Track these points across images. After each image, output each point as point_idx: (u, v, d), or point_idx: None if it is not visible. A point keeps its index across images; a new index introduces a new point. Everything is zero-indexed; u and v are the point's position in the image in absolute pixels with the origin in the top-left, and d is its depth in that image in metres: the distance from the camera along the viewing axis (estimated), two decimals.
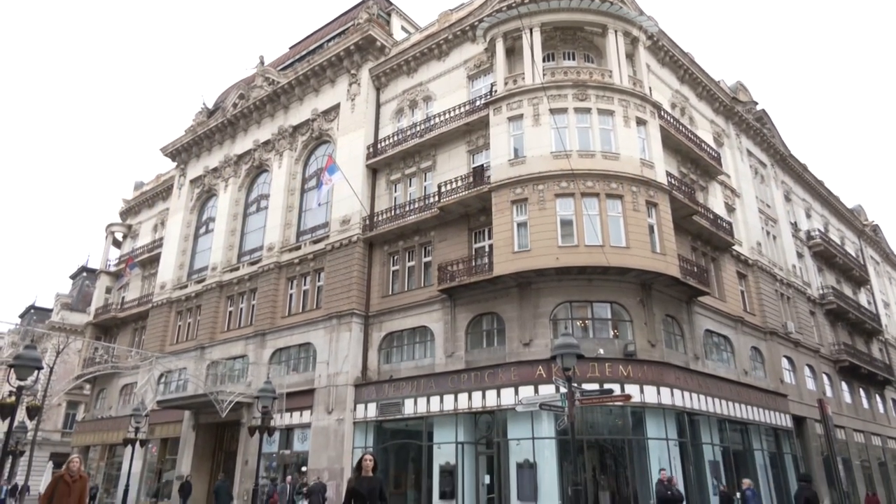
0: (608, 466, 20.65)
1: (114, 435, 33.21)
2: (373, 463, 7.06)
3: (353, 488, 6.72)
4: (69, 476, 8.74)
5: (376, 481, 6.94)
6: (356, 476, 6.90)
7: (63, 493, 8.53)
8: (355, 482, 6.76)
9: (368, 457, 7.09)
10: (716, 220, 26.42)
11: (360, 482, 6.81)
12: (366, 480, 6.82)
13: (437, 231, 24.82)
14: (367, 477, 6.88)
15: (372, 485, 6.81)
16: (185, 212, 37.09)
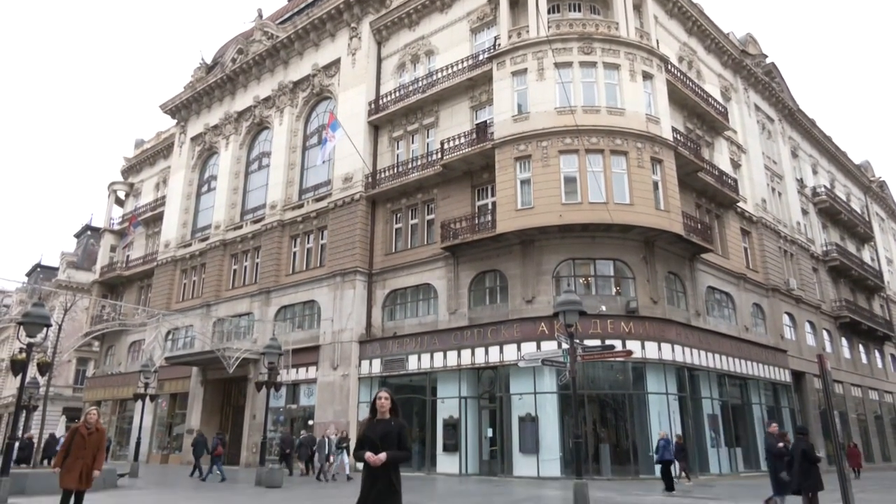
0: (608, 420, 21.07)
1: (124, 390, 33.91)
2: (389, 403, 5.45)
3: (363, 434, 5.38)
4: (85, 428, 8.51)
5: (393, 425, 5.39)
6: (369, 419, 5.49)
7: (79, 446, 8.29)
8: (366, 427, 5.42)
9: (383, 395, 5.49)
10: (721, 176, 26.20)
11: (372, 427, 5.38)
12: (380, 424, 5.38)
13: (440, 188, 24.70)
14: (381, 420, 5.41)
15: (386, 429, 5.32)
16: (186, 170, 36.92)
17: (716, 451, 21.73)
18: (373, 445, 5.21)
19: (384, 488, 5.14)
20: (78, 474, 8.08)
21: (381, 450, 5.16)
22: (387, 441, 5.24)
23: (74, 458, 8.19)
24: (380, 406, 5.43)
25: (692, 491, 15.79)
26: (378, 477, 5.15)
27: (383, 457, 5.13)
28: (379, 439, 5.25)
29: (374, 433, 5.29)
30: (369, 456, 5.13)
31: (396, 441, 5.28)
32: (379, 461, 5.11)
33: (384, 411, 5.43)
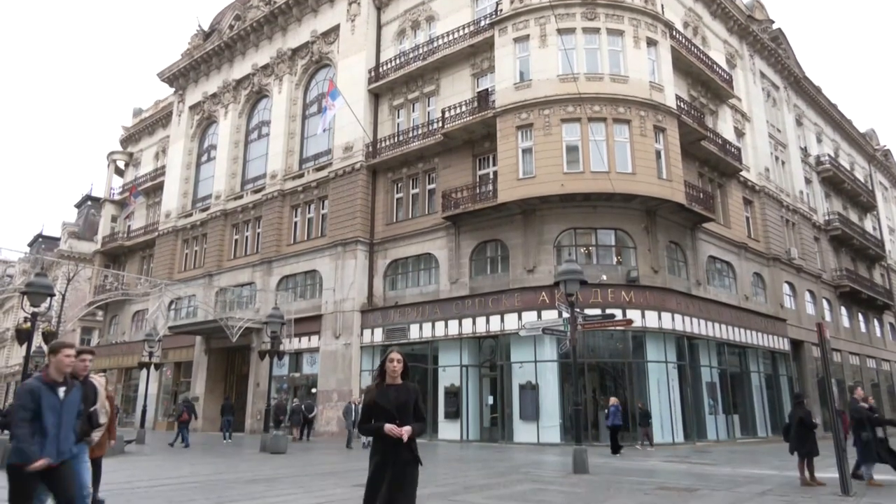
0: (608, 388, 21.30)
1: (129, 359, 34.29)
2: (402, 365, 4.61)
3: (372, 401, 4.50)
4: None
5: (409, 392, 4.57)
6: (378, 385, 4.60)
7: None
8: (376, 393, 4.51)
9: (396, 356, 4.64)
10: (724, 145, 25.98)
11: (385, 393, 4.50)
12: (392, 391, 4.51)
13: (442, 158, 24.54)
14: (394, 385, 4.55)
15: (402, 397, 4.50)
16: (185, 139, 36.66)
17: (714, 419, 22.03)
18: (388, 415, 4.35)
19: (407, 463, 4.36)
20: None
21: (400, 421, 4.35)
22: (404, 411, 4.42)
23: None
24: (391, 369, 4.54)
25: (652, 455, 16.22)
26: (397, 452, 4.33)
27: (409, 430, 4.33)
28: (396, 409, 4.39)
29: (387, 401, 4.42)
30: (391, 429, 4.28)
31: (413, 409, 4.51)
32: (406, 435, 4.28)
33: (396, 375, 4.55)
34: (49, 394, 4.47)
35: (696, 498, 8.39)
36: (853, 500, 8.40)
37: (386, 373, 4.57)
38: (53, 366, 4.57)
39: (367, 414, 4.51)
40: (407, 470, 4.34)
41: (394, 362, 4.59)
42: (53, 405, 4.46)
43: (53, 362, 4.58)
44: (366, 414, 4.54)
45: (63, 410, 4.52)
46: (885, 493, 9.15)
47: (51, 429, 4.40)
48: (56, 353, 4.58)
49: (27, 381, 4.54)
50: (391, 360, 4.60)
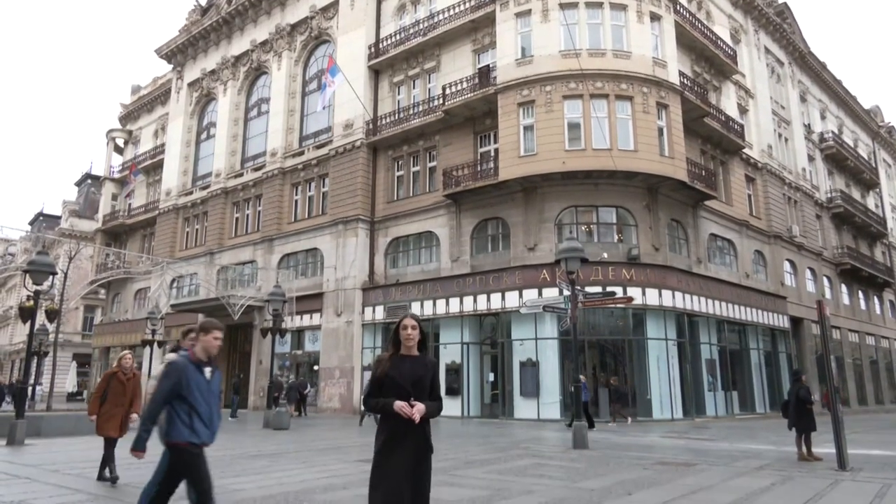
0: (608, 365, 21.46)
1: (131, 336, 34.50)
2: (418, 333, 3.88)
3: (384, 374, 3.80)
4: (122, 374, 7.86)
5: (425, 366, 3.89)
6: (390, 355, 3.90)
7: (117, 392, 7.74)
8: (388, 365, 3.83)
9: (410, 322, 3.90)
10: (727, 122, 25.77)
11: (397, 366, 3.81)
12: (407, 363, 3.82)
13: (442, 135, 24.38)
14: (408, 357, 3.86)
15: (418, 371, 3.82)
16: (184, 116, 36.41)
17: (712, 395, 22.22)
18: (401, 391, 3.68)
19: (419, 447, 3.69)
20: (118, 422, 7.68)
21: (415, 398, 3.67)
22: (419, 387, 3.75)
23: (113, 404, 7.70)
24: (406, 337, 3.82)
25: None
26: (408, 434, 3.65)
27: (423, 409, 3.63)
28: (410, 384, 3.71)
29: (400, 375, 3.74)
30: (402, 407, 3.59)
31: (429, 386, 3.83)
32: (418, 415, 3.59)
33: (412, 345, 3.84)
34: (197, 374, 4.28)
35: (694, 472, 8.49)
36: (849, 474, 8.50)
37: (400, 342, 3.85)
38: (201, 345, 4.36)
39: (377, 388, 3.79)
40: (418, 456, 3.66)
41: (408, 329, 3.83)
42: (201, 385, 4.26)
43: (202, 342, 4.36)
44: (375, 388, 3.80)
45: (210, 392, 4.34)
46: (880, 467, 9.25)
47: (203, 409, 4.23)
48: (206, 333, 4.36)
49: (176, 360, 4.31)
50: (405, 328, 3.84)
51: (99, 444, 7.80)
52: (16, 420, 12.33)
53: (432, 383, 3.86)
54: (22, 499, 6.30)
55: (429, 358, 3.98)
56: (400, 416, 3.59)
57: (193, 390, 4.21)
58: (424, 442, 3.72)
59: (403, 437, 3.65)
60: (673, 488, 7.14)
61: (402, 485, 3.57)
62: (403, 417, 3.58)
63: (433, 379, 3.87)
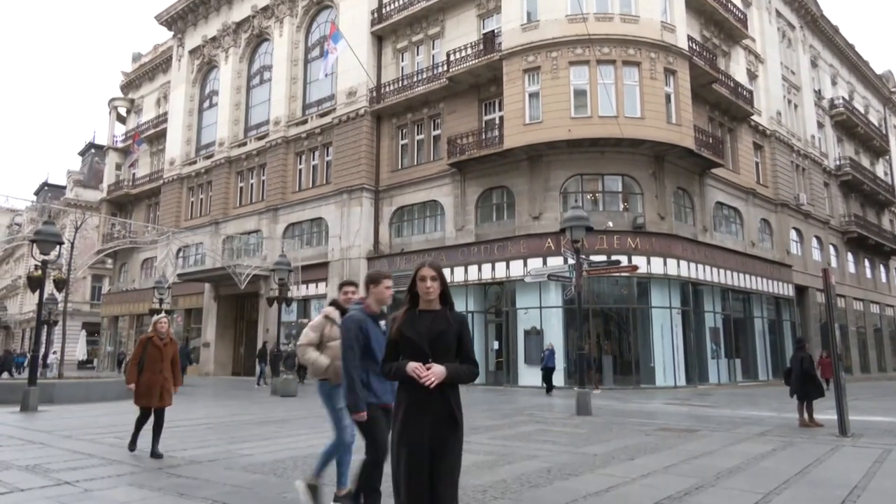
0: (612, 333, 21.59)
1: (139, 306, 34.83)
2: (439, 284, 3.16)
3: (398, 333, 3.11)
4: (158, 339, 7.27)
5: (448, 321, 3.15)
6: (406, 311, 3.18)
7: (154, 358, 7.15)
8: (403, 322, 3.14)
9: (429, 272, 3.17)
10: (736, 88, 25.37)
11: (413, 323, 3.12)
12: (425, 319, 3.13)
13: (447, 102, 24.12)
14: (427, 312, 3.15)
15: (438, 327, 3.10)
16: (186, 85, 36.07)
17: (715, 363, 22.38)
18: (418, 351, 3.01)
19: (441, 420, 2.96)
20: (158, 391, 7.07)
21: (434, 360, 2.98)
22: (440, 346, 3.04)
23: (151, 372, 7.09)
24: (424, 290, 3.12)
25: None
26: (429, 403, 2.95)
27: (440, 372, 2.92)
28: (428, 343, 3.03)
29: (416, 332, 3.06)
30: (415, 369, 2.93)
31: (456, 347, 3.10)
32: (433, 378, 2.90)
33: (432, 298, 3.13)
34: (375, 328, 3.99)
35: (696, 438, 8.61)
36: (850, 440, 8.60)
37: (417, 294, 3.15)
38: (374, 297, 4.06)
39: (392, 350, 3.13)
40: (438, 431, 2.94)
41: (426, 280, 3.11)
42: (380, 340, 3.88)
43: (374, 293, 4.06)
44: (390, 351, 3.15)
45: None
46: (880, 433, 9.35)
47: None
48: (377, 284, 4.06)
49: (352, 314, 4.02)
50: (423, 279, 3.12)
51: (112, 410, 7.94)
52: (28, 387, 12.56)
53: (460, 342, 3.11)
54: (37, 463, 6.46)
55: (455, 313, 3.19)
56: (415, 381, 2.92)
57: (373, 345, 3.91)
58: (448, 414, 2.96)
59: (421, 408, 2.95)
60: (675, 454, 7.25)
61: (422, 466, 2.91)
62: (421, 381, 2.91)
63: (461, 336, 3.12)
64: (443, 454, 2.95)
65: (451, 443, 2.98)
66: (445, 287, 3.20)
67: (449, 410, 2.98)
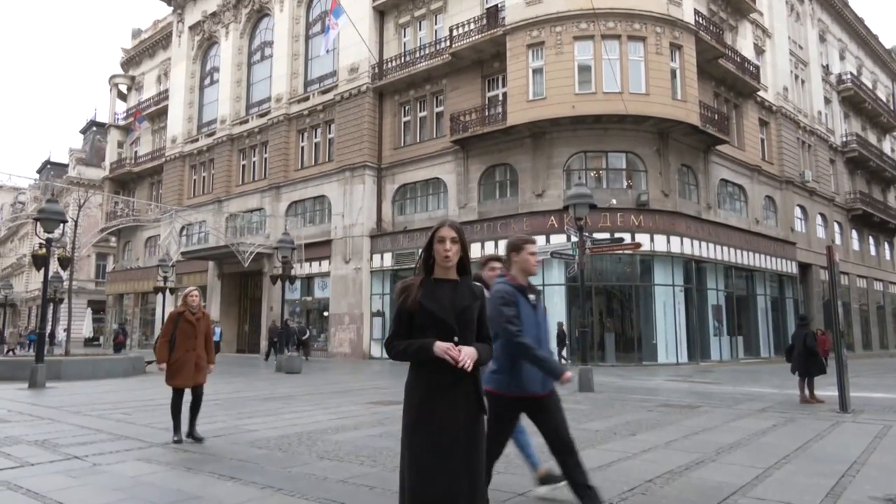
0: (614, 311, 21.65)
1: (144, 284, 35.02)
2: (459, 248, 2.66)
3: (416, 305, 2.60)
4: (190, 313, 6.63)
5: (470, 294, 2.69)
6: (421, 280, 2.67)
7: (187, 334, 6.54)
8: (420, 292, 2.62)
9: (450, 232, 2.65)
10: (743, 63, 25.04)
11: (435, 292, 2.63)
12: (446, 288, 2.65)
13: (449, 79, 23.89)
14: (447, 281, 2.67)
15: (461, 300, 2.65)
16: (187, 61, 35.76)
17: (718, 340, 22.46)
18: (442, 328, 2.55)
19: (470, 407, 2.57)
20: (192, 369, 6.53)
21: (460, 338, 2.56)
22: (465, 322, 2.61)
23: (184, 350, 6.51)
24: (442, 254, 2.62)
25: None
26: (456, 388, 2.54)
27: (473, 354, 2.52)
28: (454, 318, 2.58)
29: (438, 304, 2.58)
30: (447, 350, 2.48)
31: (476, 322, 2.68)
32: (469, 361, 2.48)
33: (450, 264, 2.64)
34: (525, 303, 3.45)
35: (698, 414, 8.67)
36: (850, 416, 8.66)
37: (433, 260, 2.66)
38: (518, 267, 3.51)
39: (405, 326, 2.62)
40: (469, 420, 2.56)
41: (445, 242, 2.62)
42: (529, 319, 3.42)
43: (517, 262, 3.52)
44: (401, 325, 2.63)
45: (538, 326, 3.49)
46: (881, 409, 9.41)
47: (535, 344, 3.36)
48: (518, 251, 3.51)
49: (499, 288, 3.39)
50: (442, 241, 2.63)
51: (119, 387, 8.01)
52: (36, 364, 12.69)
53: (480, 318, 2.69)
54: (46, 438, 6.55)
55: (474, 284, 2.74)
56: (442, 364, 2.47)
57: (524, 322, 3.40)
58: (477, 400, 2.60)
59: (447, 394, 2.52)
60: (676, 429, 7.31)
61: (458, 453, 2.49)
62: (448, 365, 2.46)
63: (480, 313, 2.70)
64: (473, 443, 2.56)
65: (480, 432, 2.62)
66: (466, 252, 2.69)
67: (478, 397, 2.61)
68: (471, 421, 2.58)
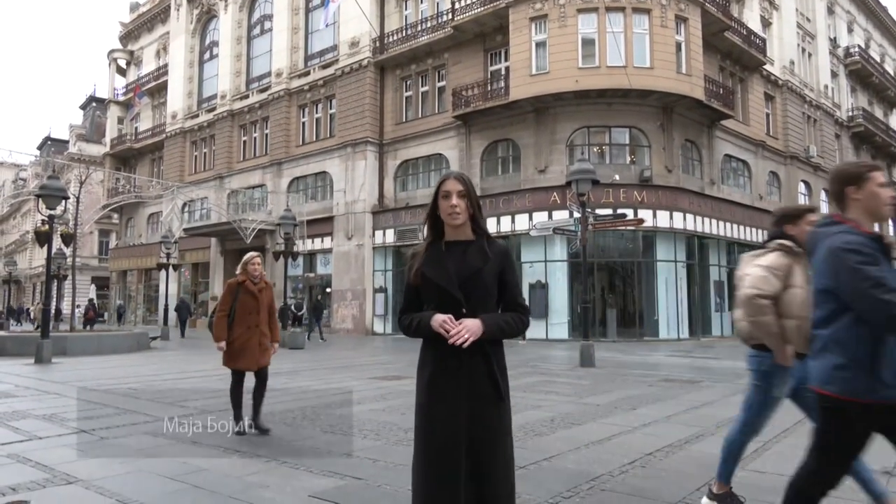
0: (616, 287, 21.69)
1: (147, 260, 35.12)
2: (466, 203, 2.25)
3: (419, 275, 2.27)
4: (252, 283, 5.67)
5: (483, 254, 2.24)
6: (429, 245, 2.32)
7: (248, 308, 5.58)
8: (426, 259, 2.28)
9: (455, 185, 2.25)
10: (749, 36, 24.68)
11: (440, 257, 2.26)
12: (455, 252, 2.26)
13: (451, 53, 23.61)
14: (458, 244, 2.29)
15: (472, 263, 2.23)
16: (186, 35, 35.37)
17: (719, 316, 22.52)
18: (445, 298, 2.21)
19: (480, 392, 2.18)
20: (256, 349, 5.59)
21: (469, 309, 2.18)
22: (475, 288, 2.22)
23: (245, 326, 5.56)
24: (448, 210, 2.26)
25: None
26: (463, 369, 2.17)
27: (475, 327, 2.14)
28: (459, 285, 2.20)
29: (442, 273, 2.23)
30: (441, 323, 2.14)
31: (497, 289, 2.28)
32: (466, 335, 2.12)
33: (458, 222, 2.27)
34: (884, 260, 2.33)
35: (698, 389, 8.74)
36: None
37: (439, 219, 2.32)
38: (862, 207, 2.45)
39: (413, 299, 2.34)
40: (481, 408, 2.17)
41: (451, 197, 2.25)
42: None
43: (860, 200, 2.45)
44: (410, 298, 2.36)
45: None
46: None
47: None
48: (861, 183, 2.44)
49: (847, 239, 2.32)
50: (446, 195, 2.27)
51: (124, 362, 8.07)
52: (42, 340, 12.80)
53: (503, 282, 2.28)
54: (53, 412, 6.64)
55: (493, 244, 2.31)
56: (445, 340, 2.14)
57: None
58: (490, 384, 2.19)
59: (453, 377, 2.18)
60: (677, 404, 7.38)
61: (455, 452, 2.13)
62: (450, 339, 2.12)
63: (503, 275, 2.28)
64: (490, 443, 2.16)
65: (497, 425, 2.18)
66: (477, 209, 2.30)
67: (491, 378, 2.19)
68: (481, 411, 2.16)
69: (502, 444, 2.21)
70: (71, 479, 4.11)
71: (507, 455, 2.22)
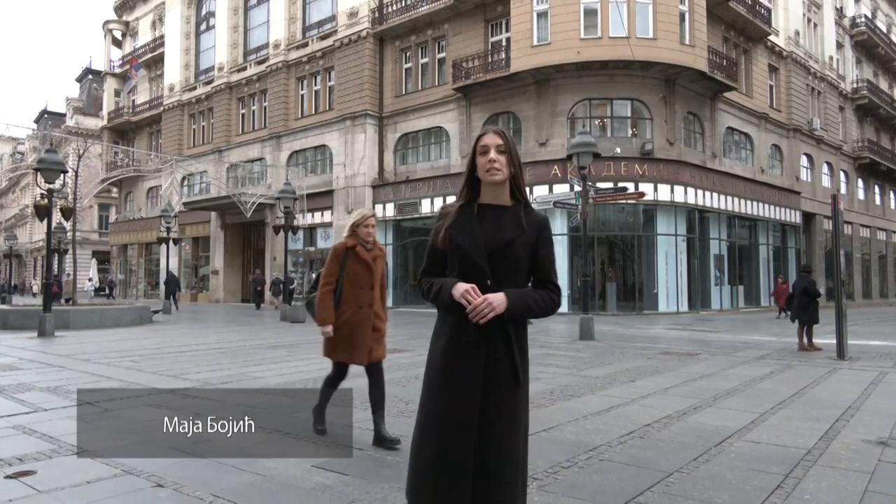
0: (616, 260, 21.72)
1: (147, 234, 35.11)
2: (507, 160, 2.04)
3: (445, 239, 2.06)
4: (364, 248, 4.39)
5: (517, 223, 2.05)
6: (459, 208, 2.11)
7: (360, 280, 4.29)
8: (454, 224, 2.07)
9: (494, 140, 2.04)
10: (754, 5, 24.29)
11: (471, 222, 2.06)
12: (489, 217, 2.07)
13: (452, 23, 23.26)
14: (492, 208, 2.09)
15: (503, 231, 2.03)
16: (182, 6, 34.78)
17: (718, 289, 22.60)
18: (470, 267, 2.03)
19: (496, 373, 1.99)
20: (368, 335, 4.31)
21: (494, 282, 2.00)
22: (505, 261, 2.03)
23: (355, 304, 4.30)
24: (485, 167, 2.06)
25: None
26: (479, 345, 1.99)
27: (499, 302, 1.95)
28: (486, 255, 2.02)
29: (470, 239, 2.04)
30: (464, 293, 1.96)
31: (529, 262, 2.09)
32: (486, 311, 1.93)
33: (497, 179, 2.06)
34: None
35: (696, 361, 8.81)
36: (847, 363, 8.78)
37: (476, 178, 2.12)
38: None
39: (438, 262, 2.14)
40: (496, 390, 1.99)
41: (489, 152, 2.05)
42: None
43: None
44: (433, 260, 2.15)
45: None
46: (877, 356, 9.54)
47: None
48: None
49: None
50: (484, 150, 2.06)
51: (126, 336, 8.10)
52: (44, 313, 12.86)
53: (536, 256, 2.08)
54: (58, 385, 6.70)
55: (531, 213, 2.12)
56: (464, 309, 1.96)
57: None
58: (508, 365, 2.01)
59: (469, 355, 2.00)
60: (675, 376, 7.44)
61: (462, 436, 1.95)
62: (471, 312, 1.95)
63: (538, 248, 2.08)
64: (502, 434, 1.97)
65: (512, 414, 2.00)
66: (518, 169, 2.08)
67: (511, 360, 2.01)
68: (495, 396, 1.97)
69: (514, 437, 1.98)
70: (76, 450, 4.16)
71: (518, 453, 2.00)
